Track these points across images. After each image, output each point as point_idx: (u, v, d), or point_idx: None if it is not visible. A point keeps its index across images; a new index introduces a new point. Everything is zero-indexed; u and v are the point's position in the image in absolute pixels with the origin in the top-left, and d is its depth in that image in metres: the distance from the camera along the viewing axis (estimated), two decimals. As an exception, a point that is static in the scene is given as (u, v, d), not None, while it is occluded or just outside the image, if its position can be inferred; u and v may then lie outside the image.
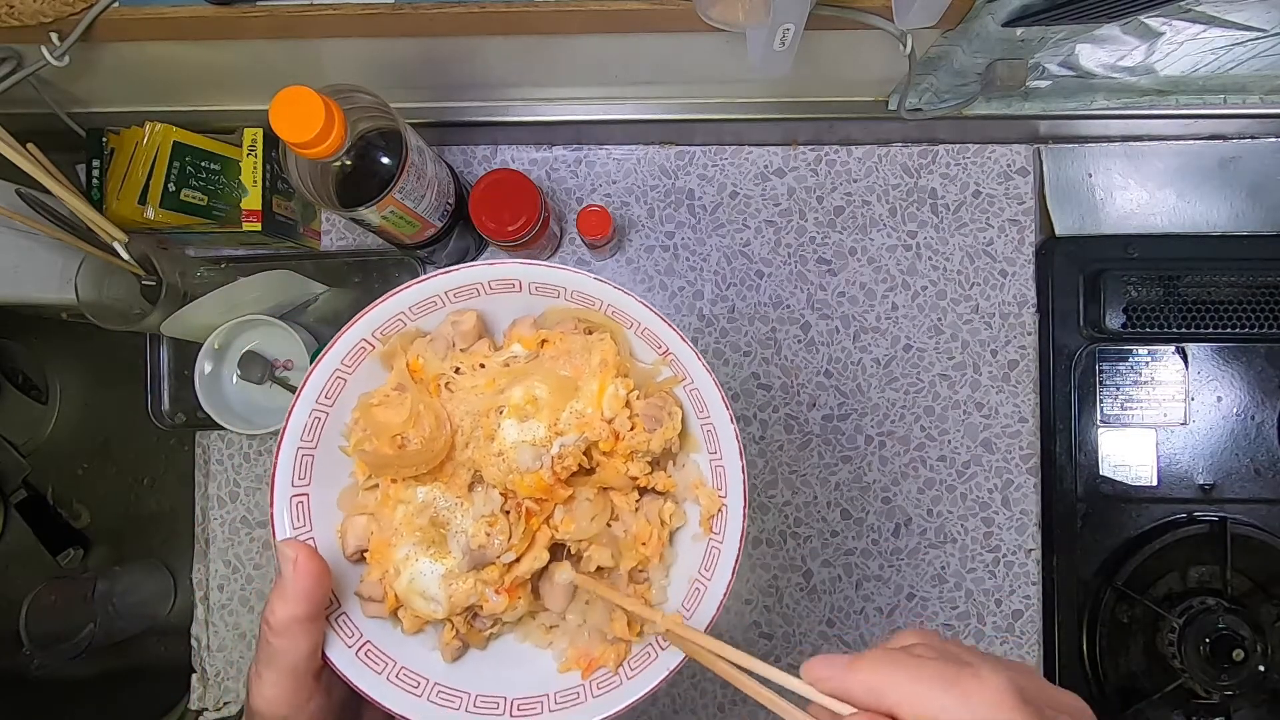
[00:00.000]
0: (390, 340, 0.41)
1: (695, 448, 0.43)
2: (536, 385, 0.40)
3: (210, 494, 0.77)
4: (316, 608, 0.36)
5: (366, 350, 0.41)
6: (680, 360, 0.41)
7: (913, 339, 0.76)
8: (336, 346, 0.40)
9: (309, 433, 0.40)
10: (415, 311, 0.41)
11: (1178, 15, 0.54)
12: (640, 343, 0.42)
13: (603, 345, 0.41)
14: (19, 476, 0.79)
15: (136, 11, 0.53)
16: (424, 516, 0.39)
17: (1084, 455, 0.75)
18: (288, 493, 0.39)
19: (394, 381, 0.41)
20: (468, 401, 0.40)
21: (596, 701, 0.40)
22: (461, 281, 0.41)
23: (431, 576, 0.39)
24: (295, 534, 0.39)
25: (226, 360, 0.74)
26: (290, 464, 0.39)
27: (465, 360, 0.41)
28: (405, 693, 0.39)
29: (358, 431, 0.40)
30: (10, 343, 0.80)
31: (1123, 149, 0.76)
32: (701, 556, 0.41)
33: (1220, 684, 0.69)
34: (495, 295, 0.41)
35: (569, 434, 0.39)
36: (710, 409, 0.41)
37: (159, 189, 0.66)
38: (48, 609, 0.74)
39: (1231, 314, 0.73)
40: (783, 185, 0.76)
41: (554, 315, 0.42)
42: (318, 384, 0.40)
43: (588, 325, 0.42)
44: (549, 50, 0.61)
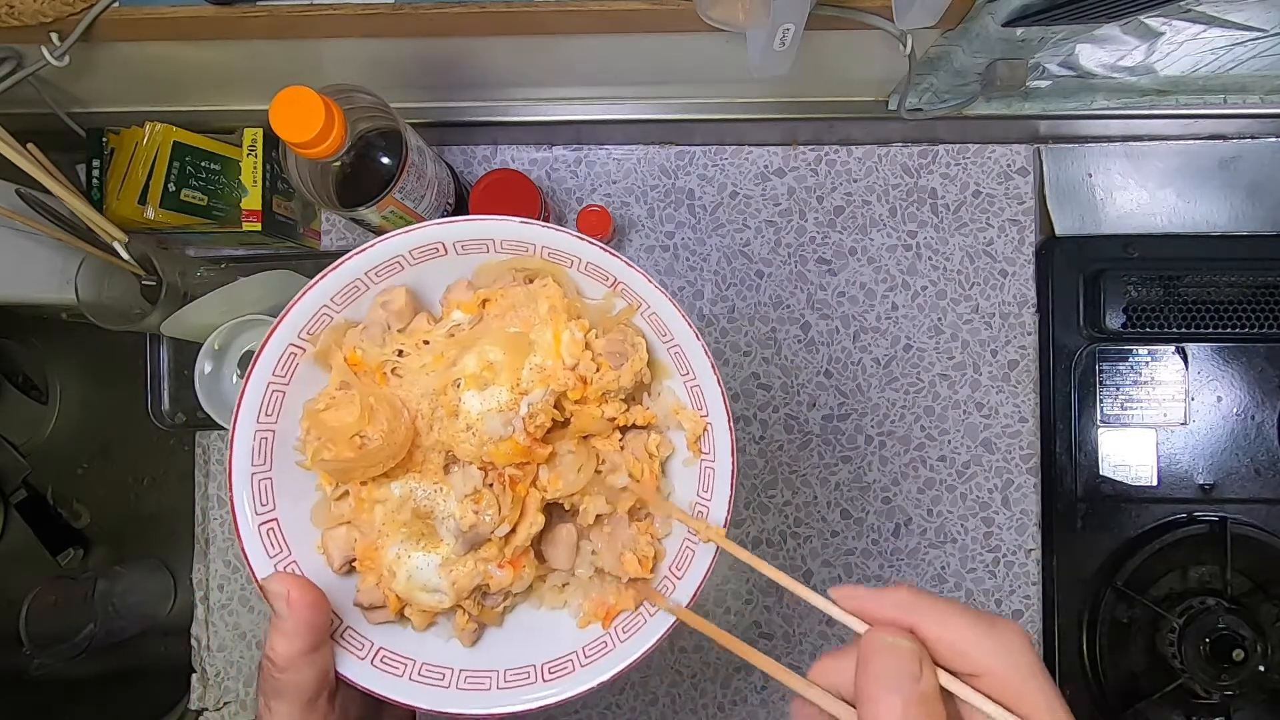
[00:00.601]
0: (320, 338, 0.39)
1: (667, 373, 0.41)
2: (489, 349, 0.38)
3: (210, 494, 0.77)
4: (320, 636, 0.35)
5: (297, 354, 0.38)
6: (631, 288, 0.39)
7: (913, 339, 0.76)
8: (263, 358, 0.37)
9: (259, 455, 0.38)
10: (338, 302, 0.39)
11: (1178, 15, 0.54)
12: (586, 279, 0.40)
13: (548, 291, 0.39)
14: (19, 476, 0.79)
15: (136, 11, 0.53)
16: (405, 511, 0.38)
17: (1084, 455, 0.75)
18: (253, 521, 0.37)
19: (336, 381, 0.39)
20: (420, 383, 0.38)
21: (624, 645, 0.38)
22: (381, 258, 0.38)
23: (429, 569, 0.37)
24: (274, 562, 0.37)
25: (226, 360, 0.74)
26: (247, 491, 0.37)
27: (406, 341, 0.39)
28: (432, 687, 0.38)
29: (311, 441, 0.38)
30: (10, 343, 0.80)
31: (1123, 149, 0.76)
32: (697, 479, 0.40)
33: (1220, 684, 0.69)
34: (420, 265, 0.39)
35: (534, 391, 0.37)
36: (673, 330, 0.39)
37: (159, 189, 0.66)
38: (48, 609, 0.74)
39: (1231, 314, 0.73)
40: (783, 185, 0.76)
41: (488, 271, 0.40)
42: (253, 402, 0.37)
43: (527, 274, 0.40)
44: (549, 50, 0.61)
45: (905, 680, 0.26)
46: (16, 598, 0.74)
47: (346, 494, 0.39)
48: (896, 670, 0.26)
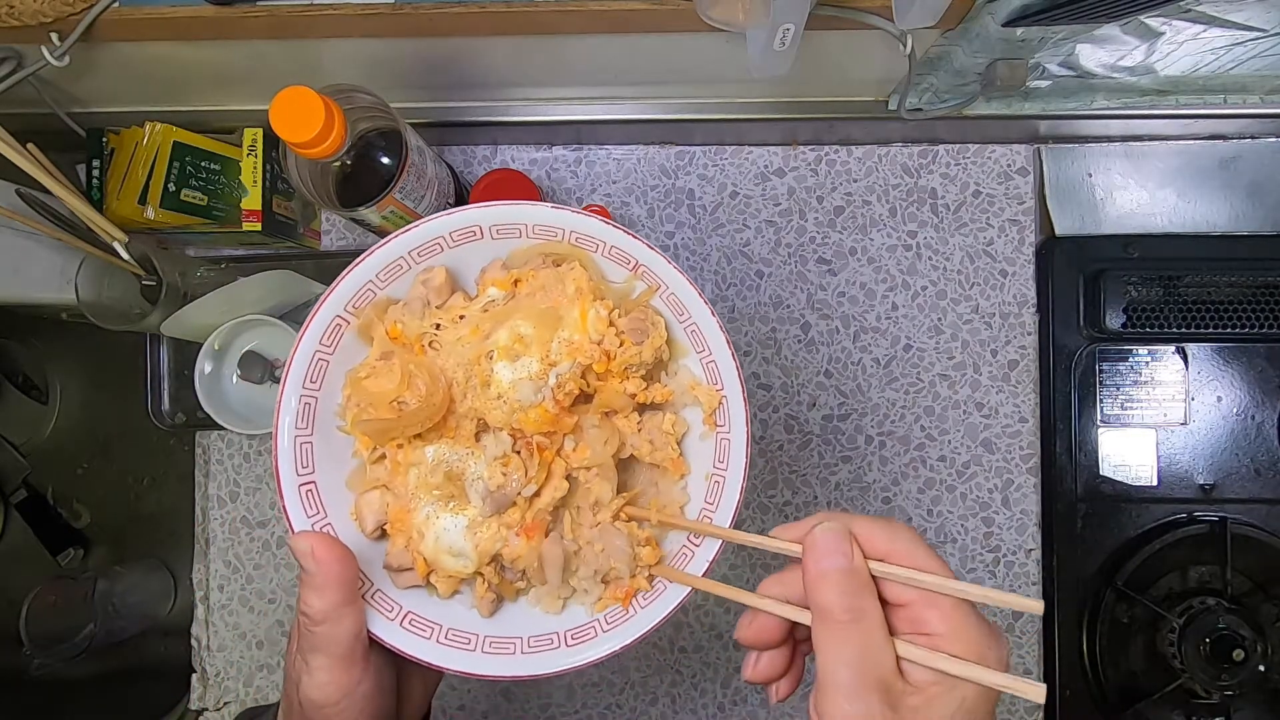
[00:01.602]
0: (364, 312, 0.41)
1: (683, 352, 0.44)
2: (520, 323, 0.40)
3: (210, 494, 0.77)
4: (349, 590, 0.37)
5: (343, 326, 0.41)
6: (651, 269, 0.41)
7: (913, 339, 0.76)
8: (311, 327, 0.40)
9: (302, 419, 0.40)
10: (383, 279, 0.41)
11: (1178, 15, 0.54)
12: (609, 263, 0.42)
13: (574, 273, 0.41)
14: (19, 476, 0.78)
15: (136, 11, 0.53)
16: (438, 474, 0.40)
17: (1084, 455, 0.75)
18: (294, 482, 0.39)
19: (378, 351, 0.41)
20: (456, 353, 0.41)
21: (644, 613, 0.41)
22: (423, 238, 0.41)
23: (455, 531, 0.39)
24: (311, 523, 0.39)
25: (226, 360, 0.74)
26: (291, 453, 0.39)
27: (444, 315, 0.42)
28: (459, 650, 0.39)
29: (352, 408, 0.40)
30: (10, 343, 0.80)
31: (1123, 149, 0.76)
32: (713, 452, 0.42)
33: (1220, 684, 0.69)
34: (459, 247, 0.42)
35: (562, 362, 0.40)
36: (690, 309, 0.41)
37: (159, 189, 0.66)
38: (48, 609, 0.74)
39: (1231, 314, 0.73)
40: (783, 185, 0.76)
41: (520, 255, 0.43)
42: (301, 368, 0.40)
43: (555, 258, 0.42)
44: (549, 50, 0.61)
45: (838, 555, 0.33)
46: (16, 598, 0.74)
47: (383, 458, 0.41)
48: (834, 544, 0.33)
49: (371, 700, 0.38)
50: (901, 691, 0.31)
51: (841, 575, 0.33)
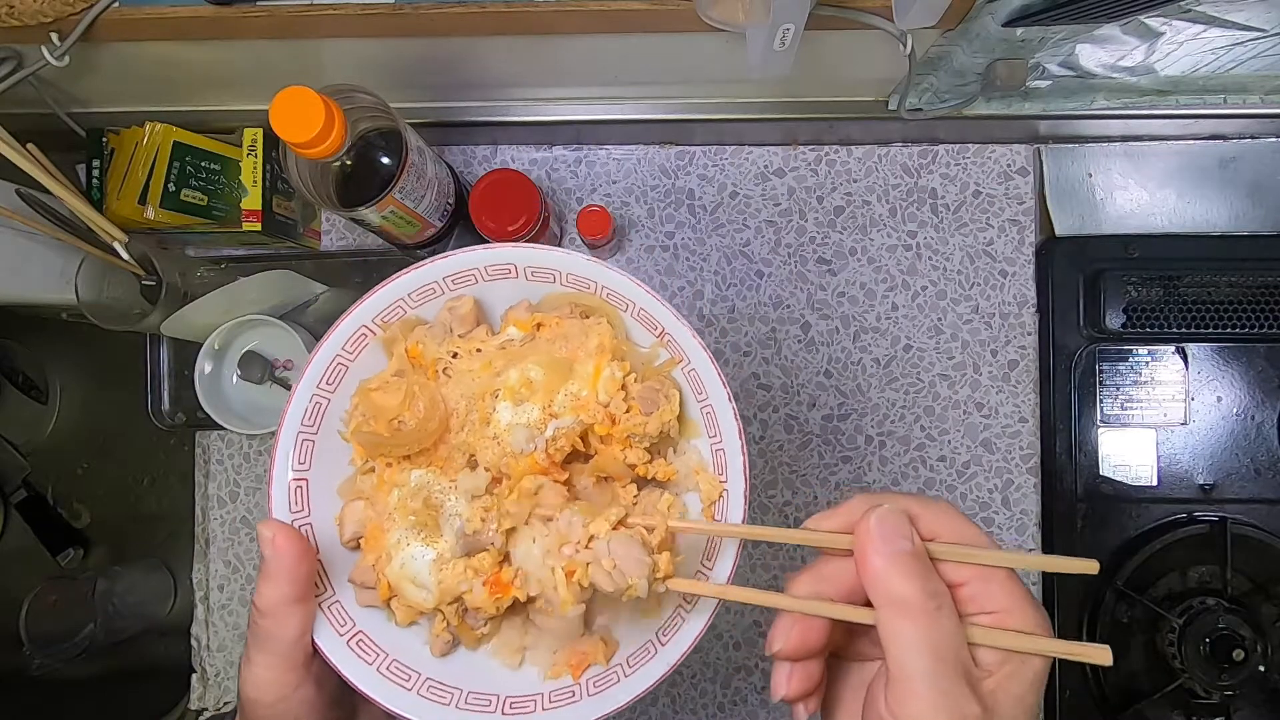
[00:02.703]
0: (391, 327, 0.41)
1: (695, 432, 0.42)
2: (532, 368, 0.40)
3: (210, 494, 0.77)
4: (303, 587, 0.36)
5: (368, 337, 0.41)
6: (677, 341, 0.40)
7: (913, 339, 0.76)
8: (337, 332, 0.40)
9: (310, 417, 0.40)
10: (414, 299, 0.42)
11: (1178, 15, 0.54)
12: (637, 325, 0.42)
13: (599, 329, 0.41)
14: (19, 476, 0.78)
15: (136, 11, 0.53)
16: (418, 499, 0.39)
17: (1084, 455, 0.75)
18: (287, 476, 0.39)
19: (394, 367, 0.41)
20: (464, 385, 0.41)
21: (592, 700, 0.39)
22: (459, 267, 0.41)
23: (422, 561, 0.38)
24: (293, 519, 0.39)
25: (226, 360, 0.74)
26: (291, 447, 0.40)
27: (463, 345, 0.42)
28: (396, 686, 0.38)
29: (356, 416, 0.40)
30: (10, 343, 0.80)
31: (1123, 149, 0.76)
32: (703, 545, 0.41)
33: (1220, 684, 0.69)
34: (492, 282, 0.42)
35: (564, 416, 0.39)
36: (709, 390, 0.40)
37: (159, 189, 0.66)
38: (48, 609, 0.74)
39: (1231, 314, 0.73)
40: (783, 185, 0.76)
41: (550, 301, 0.43)
42: (319, 369, 0.40)
43: (584, 309, 0.42)
44: (549, 50, 0.61)
45: (903, 540, 0.31)
46: (16, 598, 0.74)
47: (372, 470, 0.41)
48: (895, 533, 0.31)
49: (313, 709, 0.37)
50: (977, 677, 0.30)
51: (911, 561, 0.30)
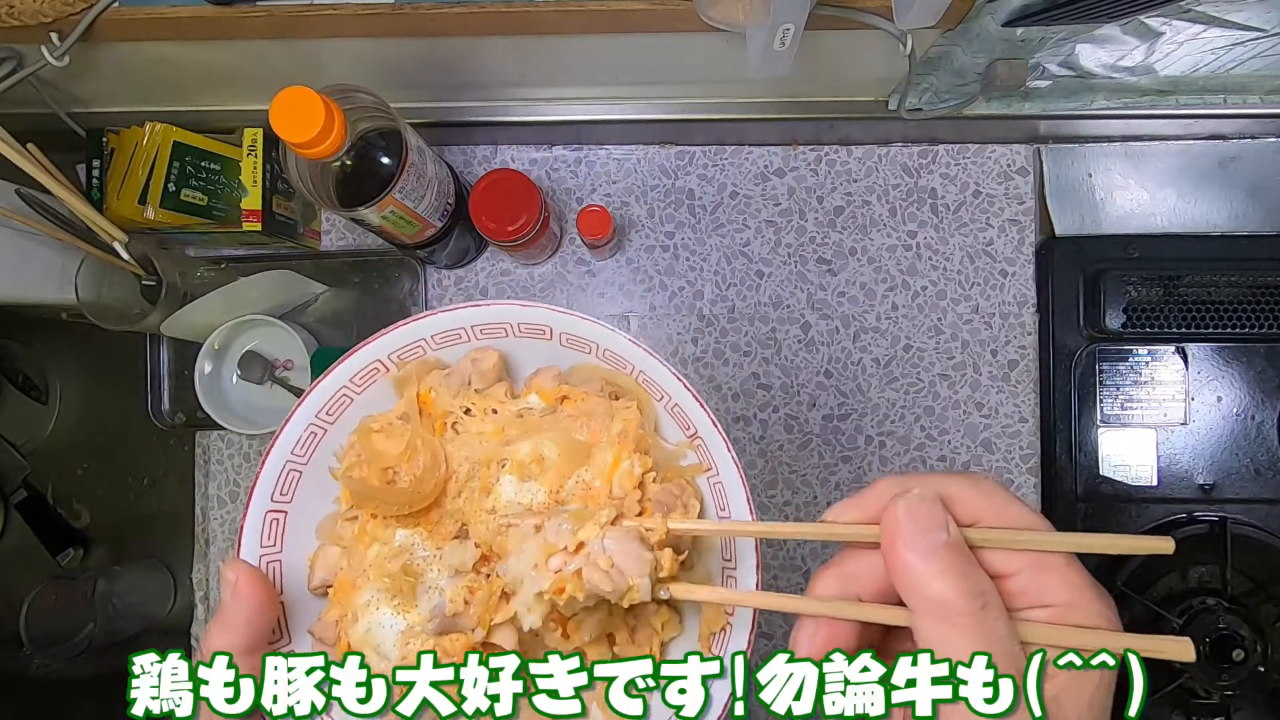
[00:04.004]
0: (406, 366, 0.39)
1: (710, 548, 0.38)
2: (546, 444, 0.36)
3: (210, 494, 0.77)
4: (257, 638, 0.32)
5: (380, 372, 0.38)
6: (708, 447, 0.37)
7: (913, 339, 0.76)
8: (348, 362, 0.38)
9: (301, 447, 0.37)
10: (437, 341, 0.39)
11: (1178, 15, 0.54)
12: (669, 420, 0.38)
13: (626, 414, 0.37)
14: (19, 476, 0.78)
15: (136, 11, 0.53)
16: (397, 562, 0.36)
17: (1084, 455, 0.75)
18: (264, 507, 0.36)
19: (400, 410, 0.38)
20: (471, 446, 0.38)
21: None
22: (490, 318, 0.38)
23: (390, 630, 0.35)
24: (262, 554, 0.37)
25: (226, 360, 0.74)
26: (275, 477, 0.37)
27: (479, 402, 0.39)
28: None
29: (351, 455, 0.37)
30: (10, 343, 0.80)
31: (1123, 149, 0.76)
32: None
33: (1220, 684, 0.69)
34: (523, 339, 0.39)
35: (572, 503, 0.36)
36: (733, 509, 0.36)
37: (159, 189, 0.66)
38: (48, 609, 0.74)
39: (1231, 314, 0.73)
40: (783, 185, 0.76)
41: (581, 372, 0.39)
42: (321, 398, 0.37)
43: (615, 389, 0.39)
44: (549, 50, 0.61)
45: (938, 532, 0.26)
46: (16, 598, 0.74)
47: (356, 519, 0.38)
48: (928, 524, 0.27)
49: None
50: None
51: (949, 555, 0.26)
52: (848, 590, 0.29)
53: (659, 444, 0.38)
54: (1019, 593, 0.27)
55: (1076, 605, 0.26)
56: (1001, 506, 0.27)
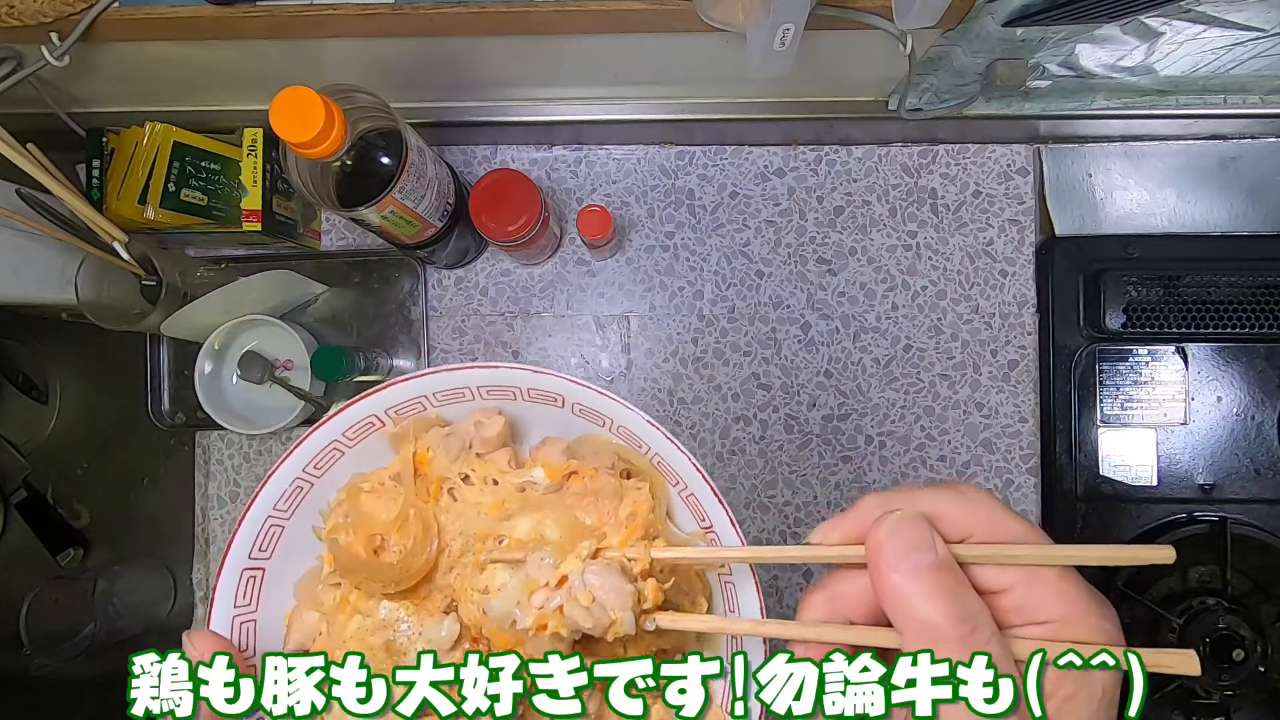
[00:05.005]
0: (405, 422, 0.36)
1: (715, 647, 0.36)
2: (548, 524, 0.34)
3: (210, 494, 0.77)
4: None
5: (375, 427, 0.36)
6: (721, 543, 0.35)
7: (913, 339, 0.76)
8: (342, 416, 0.35)
9: (285, 501, 0.35)
10: (438, 398, 0.36)
11: (1178, 15, 0.54)
12: (683, 507, 0.36)
13: (639, 496, 0.35)
14: (19, 476, 0.78)
15: (136, 11, 0.53)
16: (379, 637, 0.34)
17: (1084, 455, 0.75)
18: (241, 564, 0.34)
19: (395, 469, 0.36)
20: (466, 518, 0.35)
21: None
22: (498, 381, 0.36)
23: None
24: (236, 613, 0.34)
25: (226, 360, 0.74)
26: (255, 532, 0.35)
27: (479, 469, 0.36)
28: None
29: (338, 515, 0.35)
30: (10, 343, 0.80)
31: (1123, 149, 0.76)
32: None
33: (1220, 684, 0.69)
34: (533, 404, 0.36)
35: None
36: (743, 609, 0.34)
37: (159, 189, 0.66)
38: (48, 609, 0.74)
39: (1231, 314, 0.73)
40: (783, 185, 0.76)
41: (592, 444, 0.37)
42: (310, 451, 0.35)
43: (627, 467, 0.37)
44: (549, 50, 0.61)
45: (923, 552, 0.25)
46: (16, 598, 0.74)
47: (339, 585, 0.36)
48: (912, 544, 0.26)
49: None
50: None
51: (935, 576, 0.25)
52: (837, 613, 0.28)
53: (670, 531, 0.36)
54: (1013, 609, 0.26)
55: (1073, 620, 0.26)
56: (992, 518, 0.26)
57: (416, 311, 0.76)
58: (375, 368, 0.74)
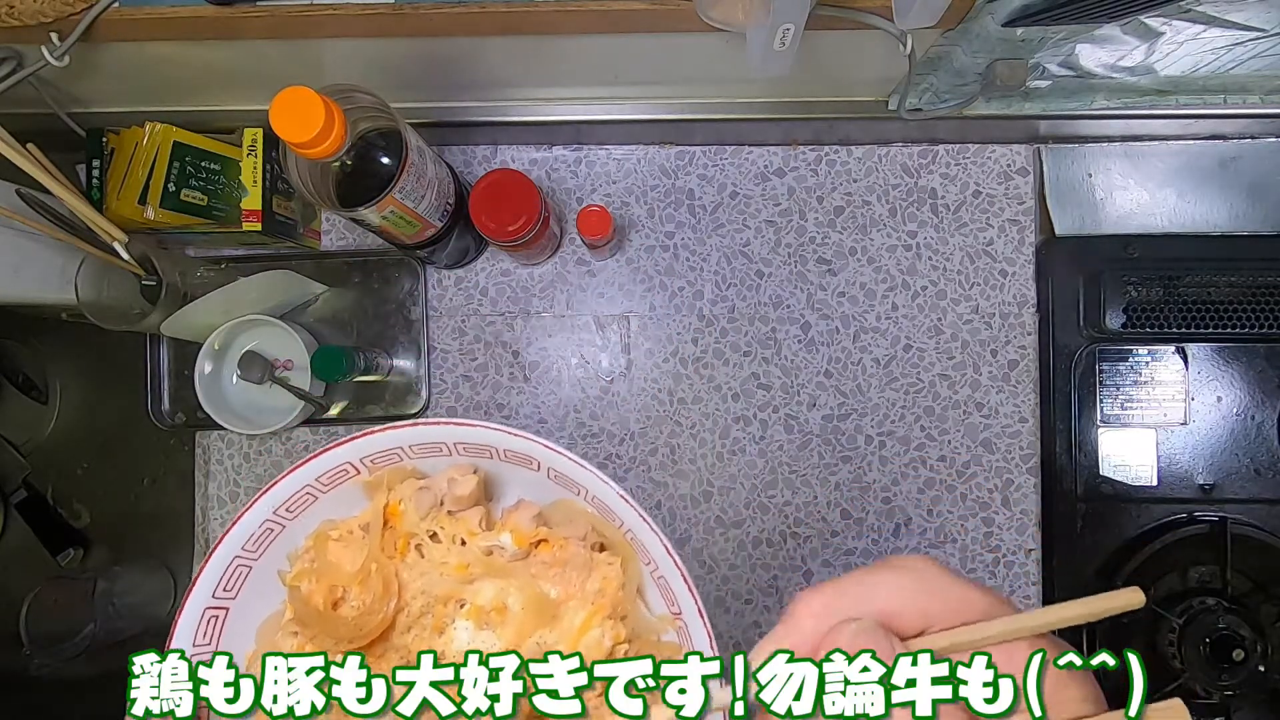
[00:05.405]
0: (380, 472, 0.36)
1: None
2: (512, 592, 0.34)
3: (210, 494, 0.77)
4: None
5: (350, 474, 0.36)
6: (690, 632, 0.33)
7: (913, 339, 0.76)
8: (316, 461, 0.35)
9: (254, 543, 0.35)
10: (414, 451, 0.36)
11: (1178, 15, 0.54)
12: (654, 588, 0.35)
13: (610, 571, 0.35)
14: (19, 476, 0.78)
15: (136, 11, 0.53)
16: None
17: (1084, 455, 0.75)
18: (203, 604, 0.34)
19: (365, 518, 0.36)
20: (430, 578, 0.35)
21: None
22: (474, 439, 0.35)
23: None
24: (194, 652, 0.34)
25: (226, 360, 0.74)
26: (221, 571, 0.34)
27: (449, 527, 0.36)
28: None
29: (304, 561, 0.35)
30: (10, 343, 0.80)
31: (1123, 149, 0.76)
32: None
33: (1220, 684, 0.69)
34: (507, 464, 0.36)
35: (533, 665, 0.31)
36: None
37: (159, 189, 0.66)
38: (48, 609, 0.74)
39: (1231, 314, 0.73)
40: (783, 185, 0.76)
41: (567, 509, 0.36)
42: (283, 493, 0.35)
43: (601, 540, 0.36)
44: (549, 50, 0.61)
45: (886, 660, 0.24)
46: (16, 598, 0.74)
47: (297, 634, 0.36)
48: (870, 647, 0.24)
49: None
50: None
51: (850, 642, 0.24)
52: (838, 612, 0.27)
53: (639, 611, 0.35)
54: None
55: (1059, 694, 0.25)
56: (947, 594, 0.25)
57: (416, 311, 0.76)
58: (375, 368, 0.74)
